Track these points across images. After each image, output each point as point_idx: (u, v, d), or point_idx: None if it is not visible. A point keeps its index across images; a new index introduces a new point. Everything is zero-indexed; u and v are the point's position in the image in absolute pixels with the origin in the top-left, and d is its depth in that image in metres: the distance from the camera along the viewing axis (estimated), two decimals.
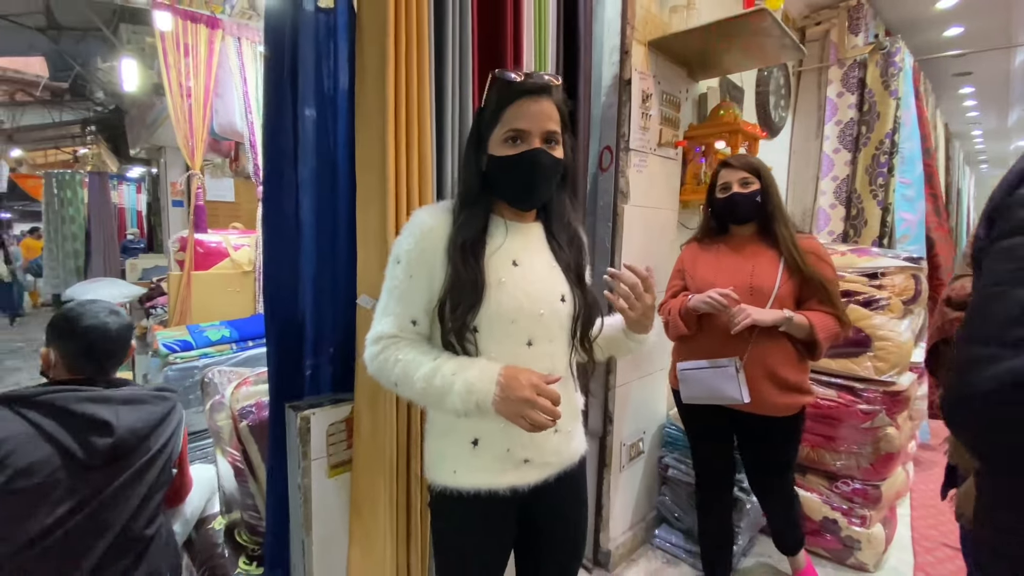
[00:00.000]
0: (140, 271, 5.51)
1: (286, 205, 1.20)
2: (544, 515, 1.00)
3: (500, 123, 0.88)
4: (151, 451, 1.11)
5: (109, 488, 1.04)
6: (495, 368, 0.82)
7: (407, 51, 1.13)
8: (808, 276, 1.45)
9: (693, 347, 1.58)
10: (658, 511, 2.17)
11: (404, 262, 0.90)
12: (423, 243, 0.89)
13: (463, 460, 0.92)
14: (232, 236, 3.10)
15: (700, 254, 1.64)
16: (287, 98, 1.17)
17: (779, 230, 1.49)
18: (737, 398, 1.45)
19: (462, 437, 0.92)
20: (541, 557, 1.04)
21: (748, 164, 1.52)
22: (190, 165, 2.96)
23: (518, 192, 0.92)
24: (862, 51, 2.77)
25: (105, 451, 1.02)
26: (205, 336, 2.43)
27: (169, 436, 1.17)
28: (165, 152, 5.68)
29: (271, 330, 1.22)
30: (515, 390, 0.79)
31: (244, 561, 1.35)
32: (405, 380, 0.85)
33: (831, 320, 1.44)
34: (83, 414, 1.02)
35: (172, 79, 2.76)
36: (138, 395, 1.13)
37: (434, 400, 0.84)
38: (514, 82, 0.87)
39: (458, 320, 0.86)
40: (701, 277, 1.57)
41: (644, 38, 1.75)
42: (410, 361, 0.86)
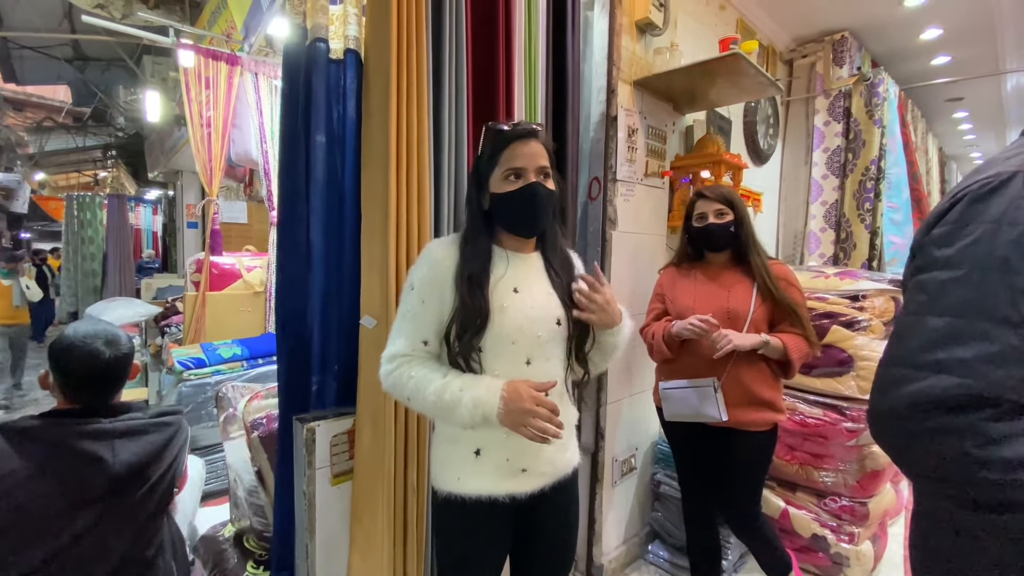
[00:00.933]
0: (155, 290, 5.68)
1: (298, 232, 1.33)
2: (539, 522, 1.08)
3: (499, 165, 1.01)
4: (151, 480, 1.10)
5: (107, 519, 1.04)
6: (499, 384, 0.93)
7: (407, 100, 1.27)
8: (779, 300, 1.55)
9: (676, 367, 1.67)
10: (651, 527, 2.22)
11: (417, 289, 1.01)
12: (434, 272, 1.00)
13: (466, 468, 1.01)
14: (245, 258, 3.24)
15: (678, 279, 1.73)
16: (300, 135, 1.31)
17: (753, 259, 1.59)
18: (715, 416, 1.54)
19: (466, 447, 1.01)
20: (534, 561, 1.13)
21: (722, 196, 1.62)
22: (207, 191, 3.13)
23: (521, 221, 1.03)
24: (846, 82, 2.90)
25: (101, 486, 1.02)
26: (218, 354, 2.56)
27: (171, 462, 1.17)
28: (182, 175, 5.92)
29: (282, 348, 1.34)
30: (517, 402, 0.90)
31: (252, 565, 1.44)
32: (417, 395, 0.95)
33: (802, 341, 1.54)
34: (80, 450, 1.02)
35: (193, 111, 2.95)
36: (138, 426, 1.11)
37: (445, 413, 0.94)
38: (506, 130, 1.01)
39: (466, 343, 0.97)
40: (680, 302, 1.67)
41: (629, 78, 1.89)
42: (422, 378, 0.96)
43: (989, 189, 0.59)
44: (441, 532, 1.09)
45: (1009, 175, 0.59)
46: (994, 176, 0.60)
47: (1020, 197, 0.57)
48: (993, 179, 0.60)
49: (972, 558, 0.60)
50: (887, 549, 2.20)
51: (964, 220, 0.60)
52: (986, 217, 0.58)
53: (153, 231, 8.35)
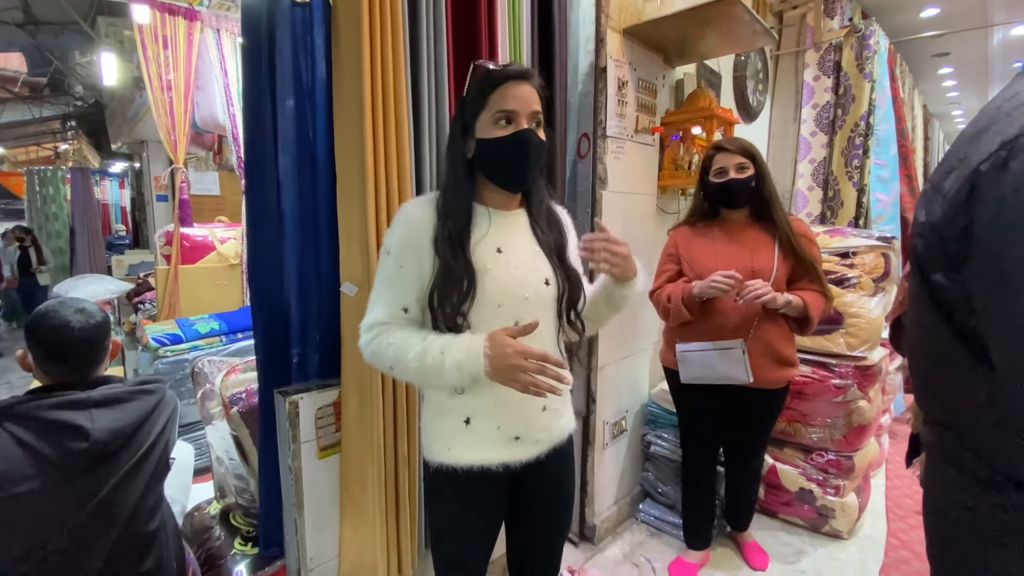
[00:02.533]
0: (127, 267, 5.49)
1: (269, 197, 1.23)
2: (534, 490, 1.05)
3: (487, 107, 0.91)
4: (142, 447, 1.08)
5: (102, 491, 1.01)
6: (480, 341, 0.86)
7: (382, 45, 1.16)
8: (801, 257, 1.51)
9: (694, 329, 1.60)
10: (642, 486, 2.25)
11: (393, 253, 0.94)
12: (411, 235, 0.93)
13: (457, 438, 0.97)
14: (218, 229, 3.11)
15: (694, 239, 1.65)
16: (266, 91, 1.20)
17: (777, 215, 1.53)
18: (743, 378, 1.51)
19: (456, 416, 0.97)
20: (530, 529, 1.10)
21: (743, 149, 1.54)
22: (173, 159, 2.96)
23: (511, 171, 0.94)
24: (837, 34, 2.82)
25: (84, 456, 0.99)
26: (194, 329, 2.47)
27: (162, 428, 1.15)
28: (147, 146, 5.62)
29: (258, 319, 1.27)
30: (502, 359, 0.84)
31: (239, 542, 1.40)
32: (399, 362, 0.90)
33: (821, 299, 1.52)
34: (55, 421, 0.99)
35: (152, 72, 2.75)
36: (116, 394, 1.08)
37: (430, 378, 0.89)
38: (498, 68, 0.92)
39: (452, 309, 0.91)
40: (700, 263, 1.59)
41: (619, 26, 1.78)
42: (401, 343, 0.90)
43: None
44: (434, 503, 1.05)
45: None
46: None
47: None
48: None
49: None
50: (870, 500, 2.26)
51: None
52: None
53: (122, 206, 8.03)
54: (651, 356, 2.25)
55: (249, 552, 1.38)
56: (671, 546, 2.01)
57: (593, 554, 1.95)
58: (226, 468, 1.47)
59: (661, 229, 2.19)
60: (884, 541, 2.07)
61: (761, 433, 1.75)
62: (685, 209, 2.31)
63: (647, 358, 2.23)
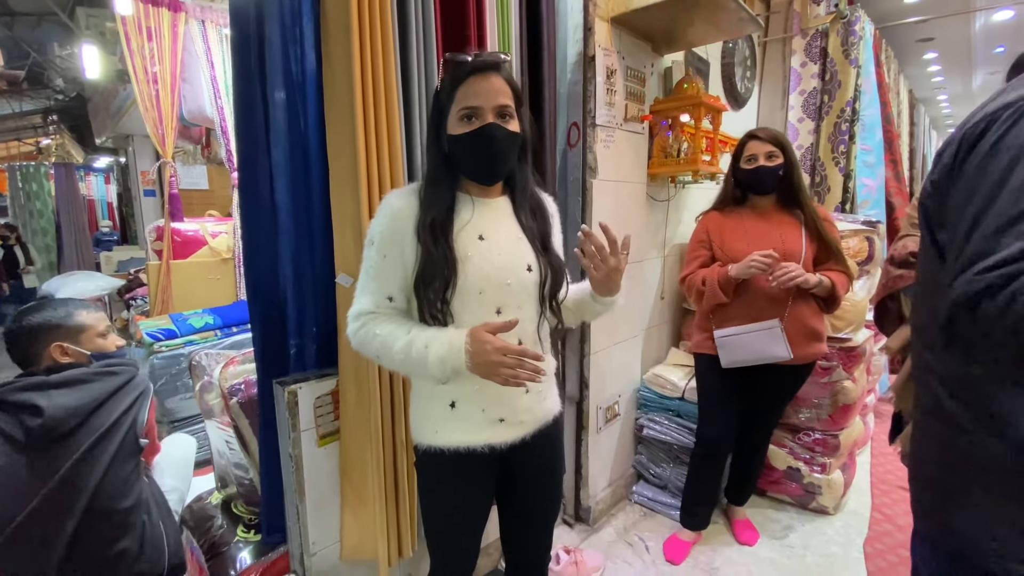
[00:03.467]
0: (116, 263, 5.45)
1: (261, 190, 1.24)
2: (522, 470, 1.08)
3: (455, 102, 0.93)
4: (103, 426, 1.13)
5: (61, 469, 1.07)
6: (461, 337, 0.89)
7: (371, 35, 1.16)
8: (827, 240, 1.62)
9: (730, 314, 1.68)
10: (635, 468, 2.30)
11: (377, 243, 0.96)
12: (393, 224, 0.95)
13: (443, 421, 1.00)
14: (209, 224, 3.09)
15: (724, 223, 1.74)
16: (256, 83, 1.20)
17: (805, 201, 1.63)
18: (783, 355, 1.61)
19: (441, 400, 0.99)
20: (520, 509, 1.14)
21: (774, 138, 1.63)
22: (161, 153, 2.93)
23: (478, 167, 0.96)
24: (823, 21, 2.84)
25: (41, 433, 1.05)
26: (189, 324, 2.47)
27: (126, 408, 1.20)
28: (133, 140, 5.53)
29: (254, 312, 1.28)
30: (482, 355, 0.87)
31: (242, 530, 1.43)
32: (384, 353, 0.93)
33: (846, 278, 1.64)
34: (15, 402, 1.07)
35: (136, 65, 2.71)
36: (77, 376, 1.15)
37: (415, 370, 0.93)
38: (464, 62, 0.92)
39: (435, 296, 0.93)
40: (732, 245, 1.67)
41: (607, 14, 1.79)
42: (387, 335, 0.93)
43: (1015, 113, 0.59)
44: (423, 485, 1.09)
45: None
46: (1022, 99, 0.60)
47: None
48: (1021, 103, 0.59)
49: None
50: (855, 477, 2.34)
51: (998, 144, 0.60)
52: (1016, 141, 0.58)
53: (108, 201, 7.91)
54: (642, 342, 2.29)
55: (252, 539, 1.41)
56: (664, 525, 2.06)
57: (588, 535, 2.01)
58: (227, 458, 1.49)
59: (651, 216, 2.22)
60: (868, 516, 2.14)
61: (782, 408, 1.89)
62: (675, 196, 2.35)
63: (639, 344, 2.27)
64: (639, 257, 2.16)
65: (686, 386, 2.12)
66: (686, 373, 2.19)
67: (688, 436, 2.08)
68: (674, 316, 2.51)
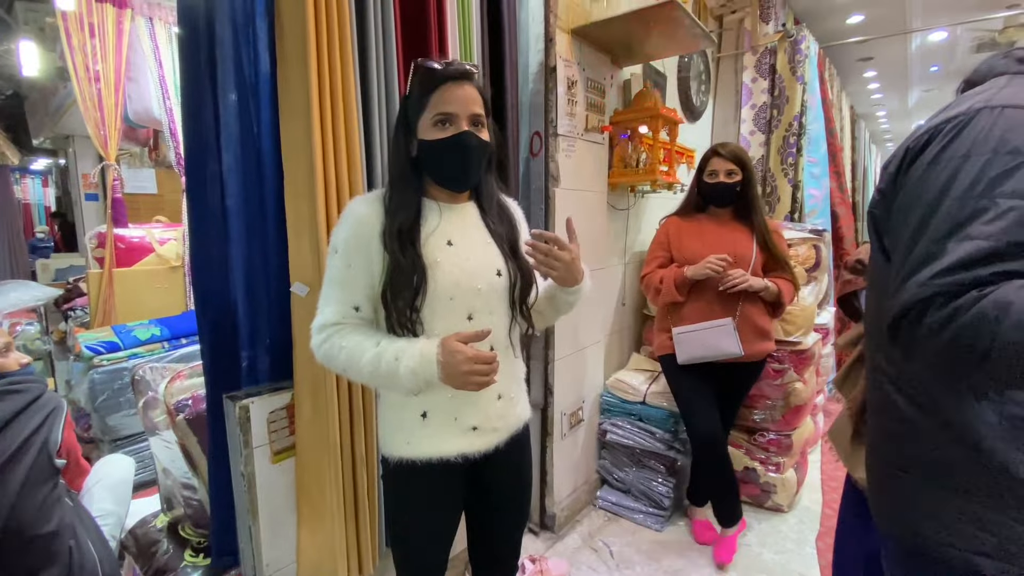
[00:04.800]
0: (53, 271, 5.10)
1: (211, 194, 1.18)
2: (494, 479, 1.06)
3: (427, 108, 0.92)
4: (9, 449, 1.06)
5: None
6: (432, 348, 0.87)
7: (328, 40, 1.14)
8: (774, 252, 1.76)
9: (685, 313, 1.80)
10: (599, 474, 2.32)
11: (341, 251, 0.93)
12: (358, 232, 0.92)
13: (415, 432, 0.97)
14: (156, 230, 2.94)
15: (684, 226, 1.87)
16: (206, 84, 1.15)
17: (756, 217, 1.77)
18: (735, 351, 1.71)
19: (413, 411, 0.97)
20: (490, 518, 1.12)
21: (735, 156, 1.75)
22: (104, 155, 2.77)
23: (451, 173, 0.96)
24: (772, 39, 2.98)
25: None
26: (133, 336, 2.33)
27: (35, 428, 1.13)
28: (74, 141, 5.21)
29: (203, 324, 1.22)
30: (454, 367, 0.86)
31: (190, 554, 1.35)
32: (352, 366, 0.90)
33: (790, 286, 1.77)
34: None
35: (77, 62, 2.56)
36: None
37: (385, 383, 0.90)
38: (437, 69, 0.92)
39: (403, 305, 0.91)
40: (689, 247, 1.81)
41: (567, 26, 1.82)
42: (354, 348, 0.90)
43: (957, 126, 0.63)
44: (392, 499, 1.06)
45: (976, 111, 0.62)
46: (963, 113, 0.63)
47: (986, 129, 0.60)
48: (963, 116, 0.63)
49: None
50: (808, 474, 2.43)
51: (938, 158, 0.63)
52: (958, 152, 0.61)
53: (45, 205, 7.42)
54: (604, 348, 2.32)
55: (201, 563, 1.33)
56: (628, 530, 2.09)
57: (553, 542, 2.00)
58: (173, 479, 1.41)
59: (612, 225, 2.26)
60: (820, 512, 2.22)
61: (737, 406, 1.98)
62: (635, 205, 2.40)
63: (601, 350, 2.29)
64: (600, 264, 2.19)
65: (647, 390, 2.16)
66: (647, 377, 2.23)
67: (650, 440, 2.12)
68: (635, 322, 2.56)
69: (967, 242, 0.57)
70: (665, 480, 2.12)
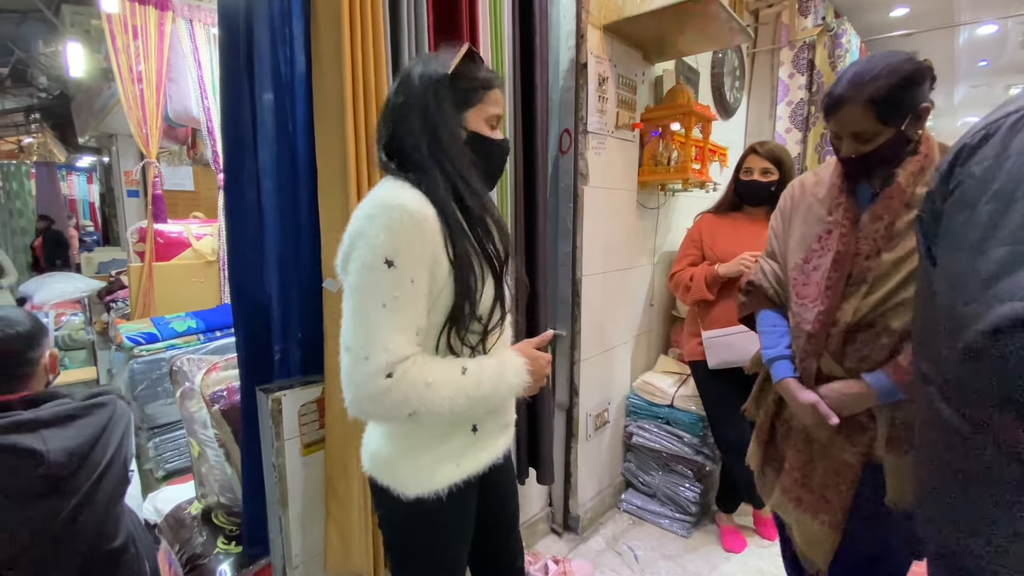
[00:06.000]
0: (96, 265, 5.33)
1: (248, 192, 1.21)
2: (499, 477, 1.01)
3: (481, 104, 0.88)
4: (101, 464, 1.01)
5: (61, 515, 0.94)
6: (520, 361, 0.87)
7: (363, 37, 1.15)
8: None
9: (715, 314, 1.77)
10: (624, 476, 2.29)
11: (401, 265, 0.74)
12: (423, 237, 0.76)
13: (466, 450, 0.90)
14: (193, 225, 3.04)
15: (718, 224, 1.84)
16: (244, 84, 1.18)
17: None
18: None
19: (462, 429, 0.90)
20: (500, 516, 1.08)
21: (772, 154, 1.71)
22: (145, 153, 2.87)
23: (493, 175, 0.95)
24: (811, 33, 2.88)
25: (40, 482, 0.91)
26: (171, 328, 2.41)
27: (119, 442, 1.08)
28: (117, 140, 5.43)
29: (238, 316, 1.25)
30: (539, 372, 0.89)
31: (222, 541, 1.39)
32: (439, 404, 0.77)
33: None
34: (4, 447, 0.89)
35: (121, 63, 2.66)
36: (67, 411, 1.00)
37: (476, 409, 0.84)
38: (492, 71, 0.92)
39: (486, 321, 0.84)
40: (721, 245, 1.79)
41: (599, 22, 1.80)
42: (441, 379, 0.78)
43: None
44: (426, 541, 0.92)
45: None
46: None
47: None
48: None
49: None
50: None
51: (1003, 153, 0.59)
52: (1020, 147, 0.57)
53: (90, 201, 7.76)
54: (631, 349, 2.29)
55: (232, 551, 1.37)
56: (652, 534, 2.05)
57: (577, 544, 1.99)
58: (207, 467, 1.45)
59: (641, 224, 2.23)
60: None
61: None
62: (665, 204, 2.36)
63: (628, 351, 2.26)
64: (628, 264, 2.16)
65: (675, 393, 2.12)
66: (676, 380, 2.18)
67: (678, 444, 2.08)
68: (663, 323, 2.51)
69: None
70: (692, 485, 2.07)
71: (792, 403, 1.10)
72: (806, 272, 1.10)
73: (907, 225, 0.99)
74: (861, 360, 1.02)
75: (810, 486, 1.11)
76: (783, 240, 1.21)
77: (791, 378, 1.10)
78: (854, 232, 1.03)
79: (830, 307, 1.03)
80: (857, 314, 1.01)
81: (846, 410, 1.02)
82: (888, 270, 0.99)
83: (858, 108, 0.96)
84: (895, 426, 1.01)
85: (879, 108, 0.95)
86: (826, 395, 1.04)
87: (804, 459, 1.13)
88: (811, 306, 1.07)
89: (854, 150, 1.00)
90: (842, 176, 1.07)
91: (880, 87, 0.93)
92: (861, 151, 1.00)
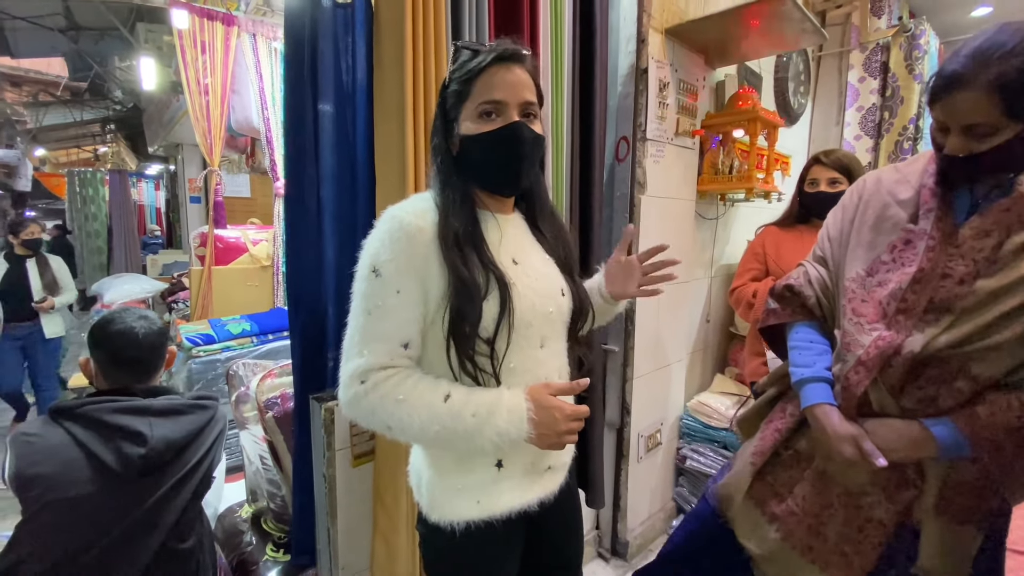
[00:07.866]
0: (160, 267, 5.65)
1: (308, 200, 1.21)
2: (555, 517, 0.91)
3: (471, 96, 0.77)
4: (190, 463, 1.07)
5: (147, 502, 1.00)
6: (522, 404, 0.74)
7: (424, 44, 1.14)
8: None
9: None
10: (675, 502, 2.17)
11: (387, 274, 0.73)
12: (411, 248, 0.74)
13: (487, 487, 0.81)
14: (250, 231, 3.15)
15: (783, 238, 1.72)
16: (307, 94, 1.19)
17: None
18: None
19: (485, 463, 0.81)
20: (557, 561, 0.98)
21: (840, 163, 1.60)
22: (208, 162, 3.00)
23: (500, 174, 0.80)
24: (885, 34, 2.70)
25: (138, 462, 0.98)
26: (227, 330, 2.49)
27: (210, 445, 1.14)
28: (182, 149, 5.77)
29: (295, 323, 1.25)
30: (550, 426, 0.73)
31: (271, 548, 1.39)
32: (410, 425, 0.72)
33: None
34: (116, 425, 0.99)
35: (190, 76, 2.80)
36: (175, 406, 1.08)
37: (457, 444, 0.74)
38: (482, 50, 0.78)
39: (485, 333, 0.75)
40: (787, 260, 1.66)
41: (661, 26, 1.73)
42: (416, 401, 0.72)
43: None
44: (452, 567, 0.86)
45: None
46: None
47: None
48: None
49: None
50: None
51: None
52: None
53: (156, 207, 8.26)
54: (686, 367, 2.17)
55: (281, 559, 1.36)
56: None
57: (625, 570, 1.89)
58: (259, 472, 1.46)
59: (699, 235, 2.12)
60: None
61: None
62: (724, 214, 2.25)
63: (683, 369, 2.15)
64: (685, 278, 2.06)
65: (735, 416, 2.00)
66: (735, 402, 2.06)
67: None
68: (720, 340, 2.39)
69: None
70: None
71: (824, 432, 0.88)
72: (868, 287, 0.90)
73: (1018, 249, 0.78)
74: (923, 402, 0.83)
75: (825, 535, 0.92)
76: (840, 244, 1.00)
77: (829, 404, 0.90)
78: (945, 248, 0.83)
79: (896, 334, 0.84)
80: (929, 348, 0.81)
81: (895, 455, 0.82)
82: (984, 300, 0.78)
83: (978, 93, 0.74)
84: (947, 487, 0.83)
85: (1007, 95, 0.72)
86: (873, 431, 0.84)
87: (823, 502, 0.93)
88: (868, 328, 0.87)
89: (964, 147, 0.79)
90: (938, 177, 0.87)
91: (1012, 67, 0.71)
92: (973, 149, 0.78)
